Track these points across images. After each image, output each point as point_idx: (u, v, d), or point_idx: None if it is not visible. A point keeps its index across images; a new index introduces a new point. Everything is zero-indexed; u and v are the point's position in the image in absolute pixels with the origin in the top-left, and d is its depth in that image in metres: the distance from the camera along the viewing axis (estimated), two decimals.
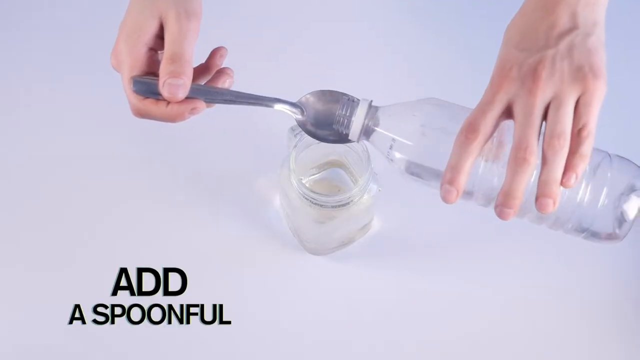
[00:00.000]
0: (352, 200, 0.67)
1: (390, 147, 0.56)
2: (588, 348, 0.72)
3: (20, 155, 0.79)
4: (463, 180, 0.52)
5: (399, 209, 0.77)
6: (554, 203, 0.51)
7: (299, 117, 0.59)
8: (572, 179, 0.51)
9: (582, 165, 0.51)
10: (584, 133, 0.51)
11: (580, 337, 0.72)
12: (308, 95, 0.59)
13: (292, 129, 0.70)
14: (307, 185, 0.69)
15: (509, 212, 0.52)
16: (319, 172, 0.77)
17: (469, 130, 0.52)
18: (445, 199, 0.53)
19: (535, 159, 0.51)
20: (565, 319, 0.73)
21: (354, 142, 0.58)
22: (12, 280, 0.74)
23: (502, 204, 0.52)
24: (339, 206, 0.67)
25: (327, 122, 0.58)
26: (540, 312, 0.73)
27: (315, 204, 0.67)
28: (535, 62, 0.52)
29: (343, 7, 0.88)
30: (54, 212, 0.77)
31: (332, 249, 0.75)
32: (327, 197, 0.66)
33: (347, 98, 0.57)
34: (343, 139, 0.58)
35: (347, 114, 0.57)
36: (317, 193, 0.66)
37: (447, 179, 0.52)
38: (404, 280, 0.74)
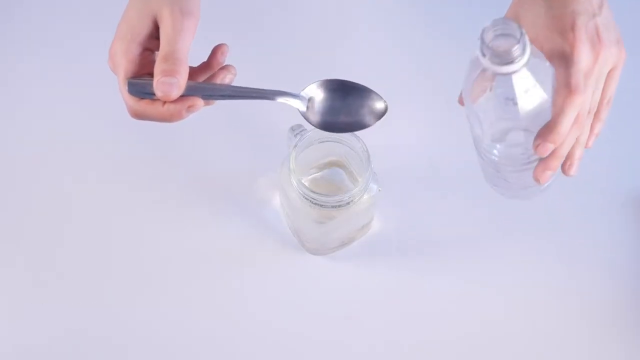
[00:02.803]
0: (352, 200, 0.67)
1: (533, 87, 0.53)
2: (588, 348, 0.72)
3: (21, 155, 0.79)
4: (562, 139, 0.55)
5: (399, 209, 0.77)
6: (576, 166, 0.59)
7: (303, 109, 0.58)
8: (592, 141, 0.60)
9: (601, 129, 0.60)
10: (610, 103, 0.59)
11: (580, 337, 0.72)
12: (311, 86, 0.58)
13: (292, 129, 0.70)
14: (307, 185, 0.69)
15: (549, 147, 0.54)
16: (319, 172, 0.77)
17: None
18: (540, 153, 0.55)
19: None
20: (565, 319, 0.73)
21: (370, 126, 0.58)
22: (12, 280, 0.74)
23: (545, 137, 0.54)
24: (339, 206, 0.67)
25: (334, 110, 0.58)
26: (540, 312, 0.73)
27: (315, 204, 0.67)
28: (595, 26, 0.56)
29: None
30: (53, 213, 0.77)
31: (332, 249, 0.75)
32: (327, 197, 0.66)
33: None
34: (354, 126, 0.58)
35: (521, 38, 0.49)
36: (317, 193, 0.66)
37: (550, 138, 0.54)
38: (404, 280, 0.74)
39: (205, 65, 0.60)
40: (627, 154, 0.79)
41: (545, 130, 0.54)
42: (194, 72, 0.58)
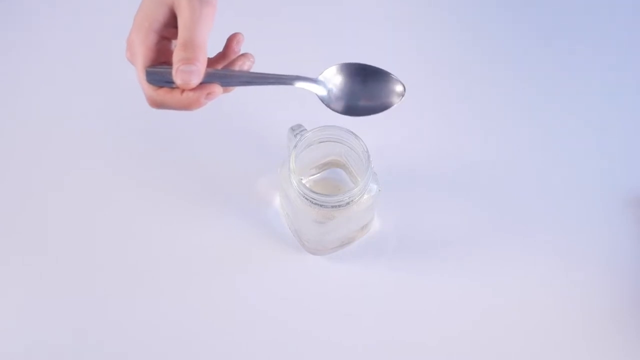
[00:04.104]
0: (352, 200, 0.67)
1: None
2: (588, 348, 0.72)
3: (22, 154, 0.79)
4: None
5: (399, 209, 0.77)
6: None
7: (323, 94, 0.58)
8: None
9: None
10: None
11: (580, 337, 0.72)
12: (329, 69, 0.58)
13: (292, 129, 0.70)
14: (307, 185, 0.69)
15: None
16: (319, 172, 0.77)
17: None
18: None
19: None
20: (565, 319, 0.73)
21: (392, 107, 0.58)
22: (11, 280, 0.74)
23: None
24: (339, 206, 0.67)
25: (354, 94, 0.58)
26: (540, 312, 0.73)
27: (315, 204, 0.67)
28: None
29: None
30: (53, 213, 0.77)
31: (332, 249, 0.75)
32: (327, 197, 0.66)
33: None
34: (375, 109, 0.58)
35: None
36: (317, 193, 0.66)
37: None
38: (404, 280, 0.74)
39: (221, 55, 0.60)
40: (627, 154, 0.80)
41: None
42: (210, 62, 0.58)
